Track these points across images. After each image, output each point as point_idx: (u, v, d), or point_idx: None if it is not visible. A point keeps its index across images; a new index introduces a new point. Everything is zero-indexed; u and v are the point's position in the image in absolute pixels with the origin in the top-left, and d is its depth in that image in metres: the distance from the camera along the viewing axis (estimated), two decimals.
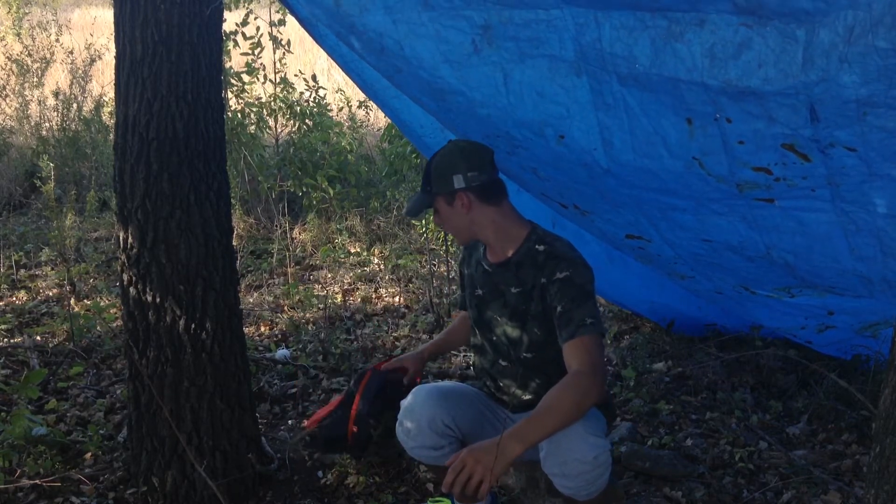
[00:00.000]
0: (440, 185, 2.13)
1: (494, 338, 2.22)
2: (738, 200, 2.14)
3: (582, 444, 1.90)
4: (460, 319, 2.53)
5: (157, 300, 2.33)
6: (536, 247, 2.12)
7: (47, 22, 8.27)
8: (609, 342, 3.72)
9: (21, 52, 7.65)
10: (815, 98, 1.65)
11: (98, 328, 3.81)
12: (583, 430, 1.91)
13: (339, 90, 7.52)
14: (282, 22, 5.37)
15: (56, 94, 7.25)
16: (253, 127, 5.73)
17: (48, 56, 7.75)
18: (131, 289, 2.35)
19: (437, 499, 2.42)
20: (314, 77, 5.91)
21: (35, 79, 7.58)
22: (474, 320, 2.29)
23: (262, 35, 5.34)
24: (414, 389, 2.20)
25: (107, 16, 6.90)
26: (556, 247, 2.11)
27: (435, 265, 4.80)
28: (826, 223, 2.11)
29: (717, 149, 1.94)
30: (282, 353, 3.64)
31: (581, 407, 1.90)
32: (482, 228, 2.16)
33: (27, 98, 7.40)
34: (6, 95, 7.51)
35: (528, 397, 2.18)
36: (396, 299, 4.43)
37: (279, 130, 5.80)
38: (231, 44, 5.25)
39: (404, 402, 2.18)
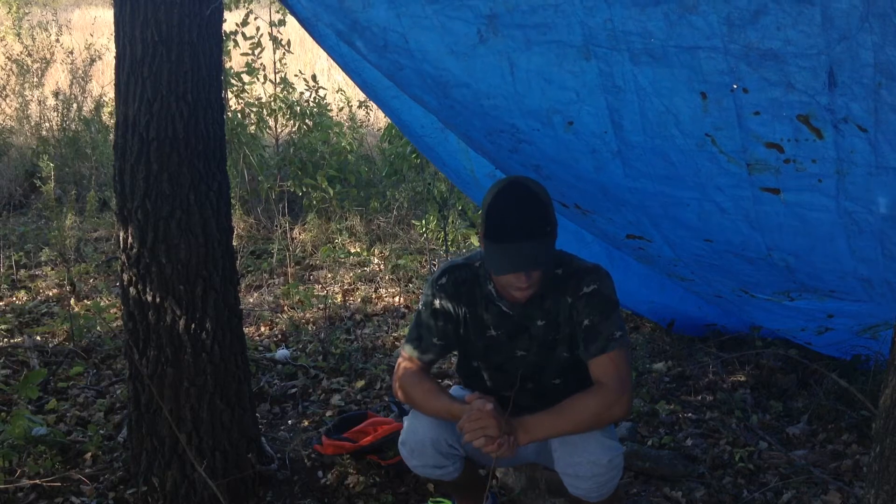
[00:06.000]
0: (554, 223, 1.95)
1: (505, 372, 2.12)
2: (744, 190, 2.14)
3: (597, 446, 1.90)
4: (434, 381, 2.10)
5: (157, 300, 2.33)
6: (555, 271, 2.03)
7: (47, 22, 8.27)
8: None
9: (21, 52, 7.63)
10: (835, 59, 1.66)
11: (98, 328, 3.81)
12: (599, 433, 1.92)
13: (340, 90, 7.51)
14: (282, 22, 5.37)
15: (56, 94, 7.23)
16: (253, 127, 5.73)
17: (48, 56, 7.73)
18: (131, 289, 2.35)
19: (438, 499, 2.43)
20: (314, 77, 5.91)
21: (35, 79, 7.56)
22: (482, 361, 2.14)
23: (262, 35, 5.34)
24: None
25: (107, 16, 6.90)
26: (572, 263, 2.05)
27: (435, 265, 4.80)
28: (828, 223, 2.11)
29: (731, 122, 1.93)
30: (282, 353, 3.64)
31: (600, 419, 1.90)
32: None
33: (27, 98, 7.38)
34: (6, 95, 7.49)
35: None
36: (396, 299, 4.43)
37: (279, 130, 5.80)
38: (231, 44, 5.25)
39: (407, 420, 2.09)
